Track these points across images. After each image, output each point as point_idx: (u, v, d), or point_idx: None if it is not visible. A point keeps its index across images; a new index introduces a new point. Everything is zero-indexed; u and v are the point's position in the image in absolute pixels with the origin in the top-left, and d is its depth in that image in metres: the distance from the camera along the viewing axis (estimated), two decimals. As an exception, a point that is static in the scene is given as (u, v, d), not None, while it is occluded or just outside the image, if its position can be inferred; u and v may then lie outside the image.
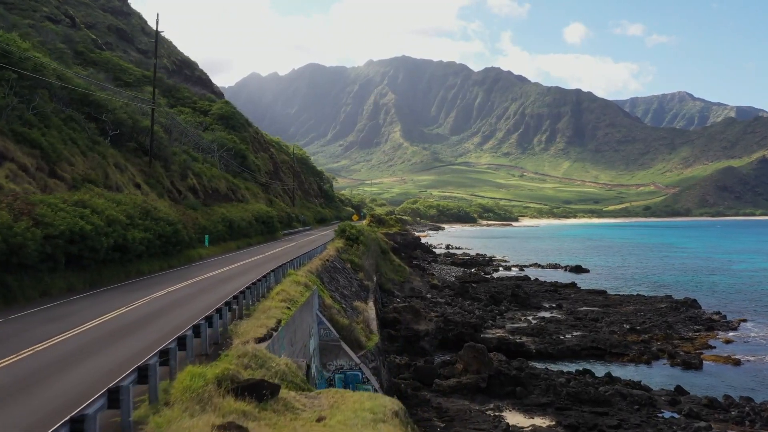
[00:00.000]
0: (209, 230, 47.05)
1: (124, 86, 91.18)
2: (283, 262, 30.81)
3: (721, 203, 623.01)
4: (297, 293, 21.53)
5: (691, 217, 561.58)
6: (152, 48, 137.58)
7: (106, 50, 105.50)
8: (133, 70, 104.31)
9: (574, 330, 52.99)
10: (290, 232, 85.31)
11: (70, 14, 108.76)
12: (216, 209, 53.76)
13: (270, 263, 36.31)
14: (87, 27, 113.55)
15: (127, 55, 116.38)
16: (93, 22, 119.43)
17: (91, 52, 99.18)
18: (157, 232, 32.87)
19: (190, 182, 54.45)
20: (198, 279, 28.09)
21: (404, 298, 56.07)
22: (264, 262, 38.32)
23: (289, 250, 51.21)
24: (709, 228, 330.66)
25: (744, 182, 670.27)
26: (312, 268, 31.76)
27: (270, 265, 33.26)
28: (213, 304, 18.19)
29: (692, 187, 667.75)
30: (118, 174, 40.12)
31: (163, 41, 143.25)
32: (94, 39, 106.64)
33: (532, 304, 63.33)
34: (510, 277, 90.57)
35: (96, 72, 77.09)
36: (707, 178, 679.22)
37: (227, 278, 28.32)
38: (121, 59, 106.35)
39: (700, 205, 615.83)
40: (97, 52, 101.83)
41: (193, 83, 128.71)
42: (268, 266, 33.10)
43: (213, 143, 74.77)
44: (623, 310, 62.86)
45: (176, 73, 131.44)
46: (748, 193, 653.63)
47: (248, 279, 25.80)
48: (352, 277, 42.61)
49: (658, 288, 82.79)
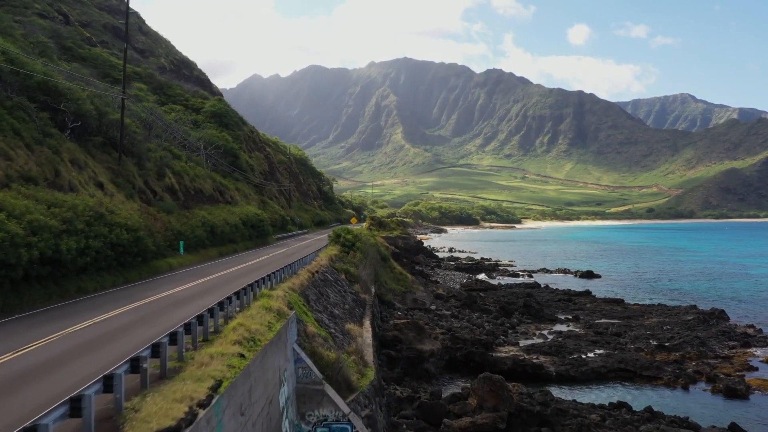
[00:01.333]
0: (185, 236, 41.54)
1: (113, 83, 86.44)
2: (262, 275, 25.38)
3: (724, 205, 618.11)
4: (262, 327, 15.97)
5: (695, 219, 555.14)
6: (149, 47, 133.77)
7: (101, 48, 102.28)
8: (122, 66, 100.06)
9: (595, 347, 47.34)
10: (284, 236, 79.83)
11: (64, 12, 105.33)
12: (196, 212, 48.26)
13: (249, 275, 30.83)
14: (82, 25, 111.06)
15: (122, 54, 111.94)
16: (88, 20, 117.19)
17: (79, 47, 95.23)
18: (110, 240, 27.38)
19: (168, 182, 48.94)
20: (150, 300, 22.52)
21: (406, 310, 50.48)
22: (242, 274, 32.81)
23: (276, 258, 45.70)
24: (716, 231, 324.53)
25: (747, 184, 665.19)
26: (295, 284, 26.23)
27: (246, 279, 27.78)
28: (140, 345, 12.76)
29: (695, 189, 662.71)
30: (75, 172, 34.61)
31: (162, 40, 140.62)
32: (88, 37, 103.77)
33: (545, 316, 57.68)
34: (518, 284, 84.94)
35: (81, 67, 72.40)
36: (710, 180, 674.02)
37: (186, 299, 22.79)
38: (111, 56, 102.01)
39: (704, 207, 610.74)
40: (87, 48, 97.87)
41: (192, 83, 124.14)
42: (242, 280, 27.61)
43: (200, 140, 69.22)
44: (647, 323, 57.19)
45: (174, 72, 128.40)
46: (752, 195, 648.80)
47: (211, 300, 20.31)
48: (346, 290, 37.03)
49: (679, 296, 77.15)
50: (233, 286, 25.21)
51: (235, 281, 28.49)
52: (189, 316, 15.62)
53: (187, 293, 24.42)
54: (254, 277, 27.15)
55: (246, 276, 30.81)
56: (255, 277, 26.68)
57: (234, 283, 27.08)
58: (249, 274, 32.41)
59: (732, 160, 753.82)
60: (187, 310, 19.27)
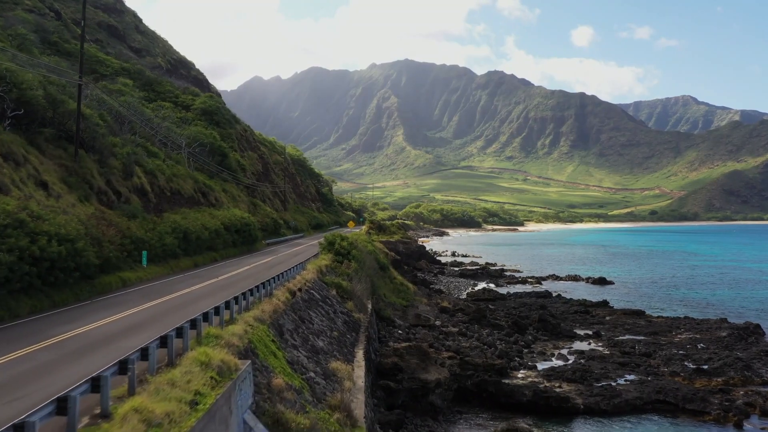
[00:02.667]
0: (150, 245, 35.57)
1: (101, 78, 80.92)
2: (230, 295, 19.49)
3: (728, 207, 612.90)
4: (181, 406, 10.00)
5: (699, 221, 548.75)
6: (146, 46, 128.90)
7: (90, 45, 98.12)
8: (110, 62, 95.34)
9: (625, 371, 41.29)
10: (276, 240, 73.92)
11: (56, 8, 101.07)
12: (168, 216, 42.29)
13: (214, 296, 24.91)
14: (76, 23, 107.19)
15: (116, 51, 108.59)
16: (82, 18, 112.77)
17: (66, 42, 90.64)
18: (30, 253, 21.43)
19: (137, 182, 42.98)
20: (42, 344, 16.26)
21: (408, 328, 44.43)
22: (208, 293, 26.86)
23: (259, 268, 39.75)
24: (724, 233, 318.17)
25: (751, 186, 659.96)
26: (266, 312, 20.25)
27: (208, 302, 21.90)
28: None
29: (698, 192, 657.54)
30: (9, 168, 28.71)
31: (159, 40, 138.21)
32: (80, 34, 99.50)
33: (563, 332, 51.60)
34: (528, 293, 78.89)
35: (62, 61, 67.31)
36: (713, 182, 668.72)
37: (101, 341, 16.61)
38: (100, 51, 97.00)
39: (707, 210, 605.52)
40: (74, 43, 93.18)
41: (190, 83, 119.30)
42: (201, 304, 21.71)
43: (181, 137, 63.27)
44: (676, 340, 51.16)
45: (171, 72, 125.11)
46: (755, 197, 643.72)
47: (140, 340, 14.38)
48: (336, 310, 31.04)
49: (704, 307, 71.11)
50: (180, 316, 19.29)
51: (192, 305, 22.54)
52: (69, 386, 9.74)
53: (113, 328, 18.33)
54: (217, 300, 21.25)
55: (210, 297, 24.89)
56: (217, 300, 20.78)
57: (189, 309, 21.17)
58: (216, 293, 26.47)
59: (735, 162, 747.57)
60: (77, 370, 13.21)
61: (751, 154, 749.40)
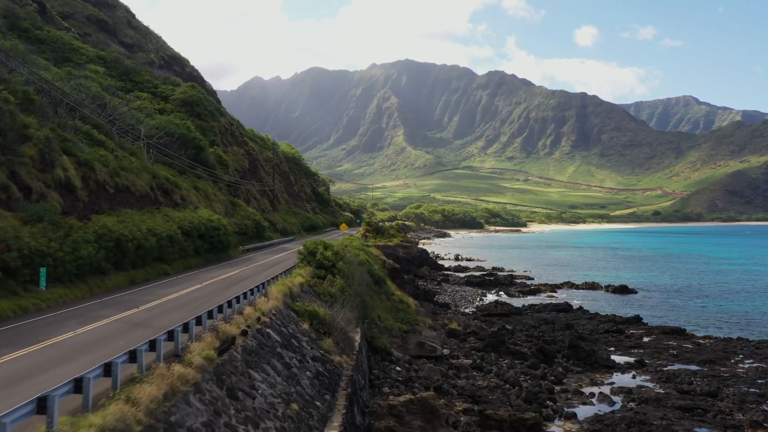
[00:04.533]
0: (56, 258, 25.93)
1: (75, 68, 72.26)
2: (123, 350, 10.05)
3: (731, 208, 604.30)
4: None
5: (703, 222, 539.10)
6: (138, 41, 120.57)
7: (87, 44, 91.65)
8: (86, 50, 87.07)
9: (692, 421, 31.61)
10: (257, 246, 64.27)
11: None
12: (98, 218, 32.63)
13: (100, 348, 15.33)
14: (64, 17, 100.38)
15: (106, 46, 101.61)
16: (71, 11, 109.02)
17: (37, 29, 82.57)
18: None
19: (61, 174, 33.35)
20: None
21: (408, 362, 34.74)
22: (95, 341, 17.23)
23: (210, 289, 30.15)
24: (734, 235, 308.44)
25: (754, 186, 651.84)
26: (141, 402, 10.66)
27: (85, 360, 12.39)
28: None
29: (701, 192, 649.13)
30: None
31: (152, 36, 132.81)
32: (66, 27, 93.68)
33: (600, 361, 41.89)
34: (546, 305, 69.24)
35: (22, 46, 58.96)
36: (716, 183, 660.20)
37: None
38: (75, 40, 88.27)
39: (710, 210, 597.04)
40: (47, 29, 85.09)
41: (184, 80, 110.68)
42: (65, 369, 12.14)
43: (140, 125, 53.54)
44: (740, 371, 41.52)
45: (165, 68, 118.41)
46: (759, 198, 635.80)
47: None
48: (306, 354, 21.41)
49: (751, 324, 61.29)
50: None
51: (52, 370, 12.93)
52: None
53: None
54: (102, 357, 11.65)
55: (80, 357, 15.35)
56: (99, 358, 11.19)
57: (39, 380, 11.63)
58: (110, 340, 16.86)
59: (737, 162, 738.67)
60: None
61: (753, 154, 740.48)
